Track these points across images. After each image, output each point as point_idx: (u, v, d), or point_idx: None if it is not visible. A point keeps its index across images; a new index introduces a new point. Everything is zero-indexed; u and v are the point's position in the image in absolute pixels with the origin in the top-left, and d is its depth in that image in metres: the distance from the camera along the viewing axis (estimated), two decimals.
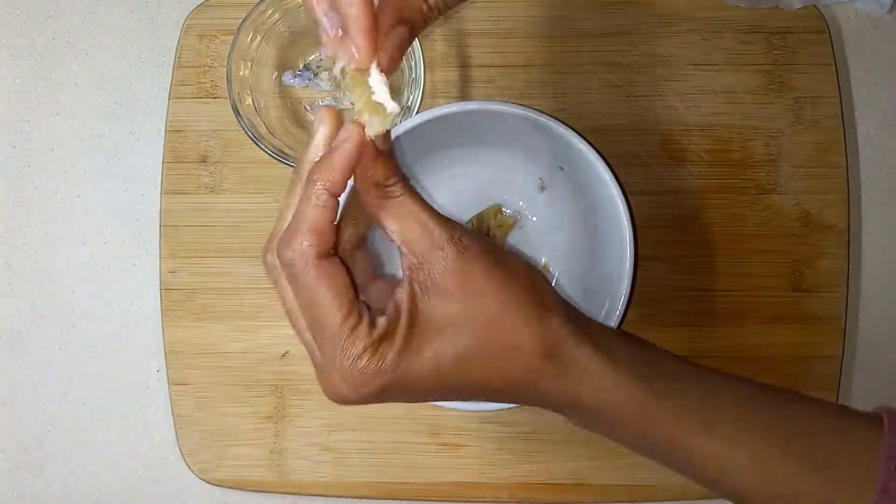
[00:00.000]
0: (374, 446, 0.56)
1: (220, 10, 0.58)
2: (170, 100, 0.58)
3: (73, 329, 0.59)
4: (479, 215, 0.54)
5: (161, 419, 0.58)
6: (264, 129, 0.55)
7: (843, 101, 0.57)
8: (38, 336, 0.59)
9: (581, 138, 0.47)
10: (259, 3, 0.53)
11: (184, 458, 0.56)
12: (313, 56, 0.58)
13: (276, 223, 0.35)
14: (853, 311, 0.58)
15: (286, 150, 0.54)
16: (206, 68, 0.58)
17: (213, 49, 0.58)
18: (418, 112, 0.52)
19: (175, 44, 0.58)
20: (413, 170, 0.53)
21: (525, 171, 0.54)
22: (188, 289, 0.57)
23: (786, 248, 0.56)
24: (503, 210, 0.54)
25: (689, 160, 0.57)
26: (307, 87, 0.58)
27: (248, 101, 0.55)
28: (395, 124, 0.47)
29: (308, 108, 0.58)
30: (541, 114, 0.47)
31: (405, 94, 0.55)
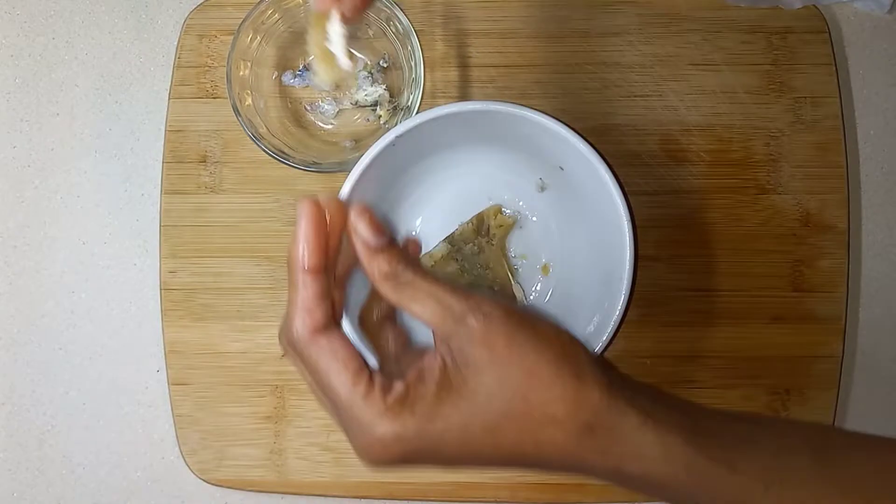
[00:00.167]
0: None
1: (219, 11, 0.59)
2: (170, 100, 0.58)
3: (73, 329, 0.59)
4: (479, 215, 0.54)
5: (161, 419, 0.58)
6: (264, 129, 0.55)
7: (843, 101, 0.57)
8: (38, 336, 0.59)
9: (581, 138, 0.47)
10: (259, 3, 0.53)
11: (184, 458, 0.56)
12: (313, 56, 0.58)
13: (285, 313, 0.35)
14: (853, 311, 0.58)
15: (286, 149, 0.54)
16: (206, 68, 0.58)
17: (213, 49, 0.58)
18: (418, 112, 0.52)
19: (175, 44, 0.58)
20: (413, 170, 0.53)
21: (525, 171, 0.54)
22: (188, 289, 0.57)
23: (786, 248, 0.56)
24: (503, 210, 0.54)
25: (690, 160, 0.57)
26: (307, 87, 0.58)
27: (248, 101, 0.55)
28: (392, 123, 0.48)
29: (308, 107, 0.58)
30: (541, 114, 0.47)
31: (405, 94, 0.55)
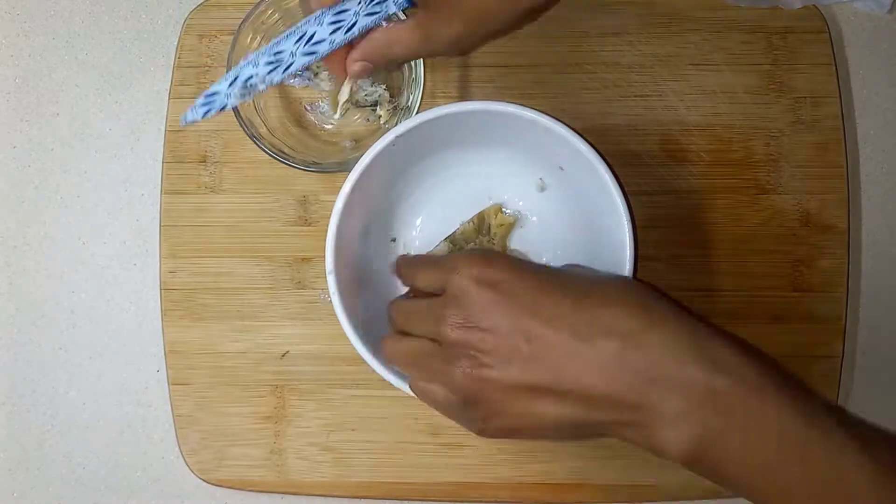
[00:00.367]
0: (374, 446, 0.56)
1: (219, 11, 0.59)
2: (170, 100, 0.58)
3: (73, 329, 0.59)
4: (480, 214, 0.54)
5: (161, 419, 0.58)
6: (264, 129, 0.55)
7: (843, 101, 0.57)
8: (38, 336, 0.59)
9: (581, 138, 0.47)
10: (259, 4, 0.53)
11: (184, 458, 0.56)
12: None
13: None
14: (853, 311, 0.58)
15: (286, 149, 0.54)
16: (207, 68, 0.58)
17: (213, 49, 0.58)
18: (418, 112, 0.52)
19: (175, 44, 0.58)
20: (413, 170, 0.53)
21: (525, 171, 0.54)
22: (188, 289, 0.57)
23: (786, 248, 0.56)
24: (503, 210, 0.54)
25: (689, 160, 0.57)
26: (307, 87, 0.58)
27: (248, 101, 0.55)
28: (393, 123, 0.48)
29: (308, 107, 0.58)
30: (541, 114, 0.47)
31: (405, 94, 0.55)
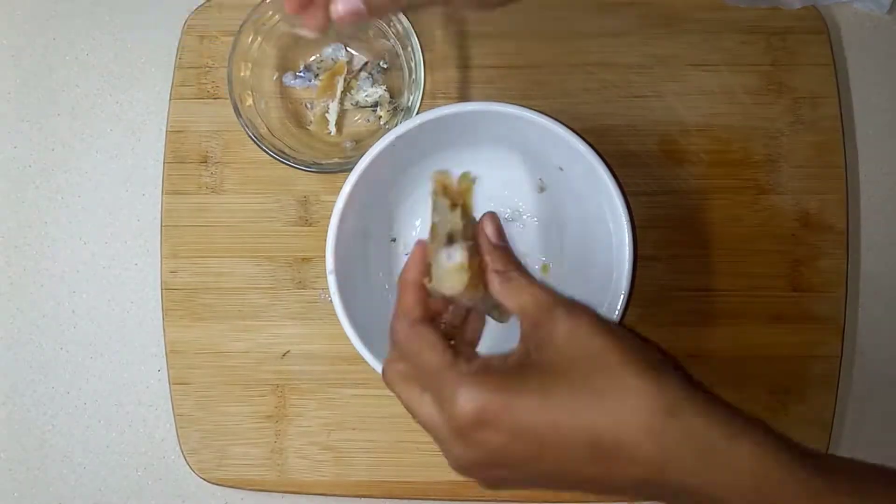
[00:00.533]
0: (374, 445, 0.56)
1: (220, 11, 0.59)
2: (171, 100, 0.58)
3: (73, 329, 0.59)
4: (435, 194, 0.45)
5: (162, 419, 0.58)
6: (265, 129, 0.55)
7: (843, 102, 0.57)
8: (39, 336, 0.59)
9: (581, 139, 0.47)
10: (259, 4, 0.53)
11: (184, 457, 0.56)
12: (314, 57, 0.58)
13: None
14: (852, 311, 0.58)
15: (287, 150, 0.54)
16: (207, 69, 0.58)
17: (214, 50, 0.58)
18: (419, 113, 0.52)
19: (176, 45, 0.59)
20: (413, 170, 0.53)
21: (525, 171, 0.54)
22: (189, 289, 0.57)
23: (785, 248, 0.56)
24: (449, 174, 0.45)
25: (689, 160, 0.57)
26: (308, 87, 0.58)
27: (249, 101, 0.55)
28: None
29: (309, 106, 0.58)
30: (541, 114, 0.47)
31: (405, 94, 0.55)
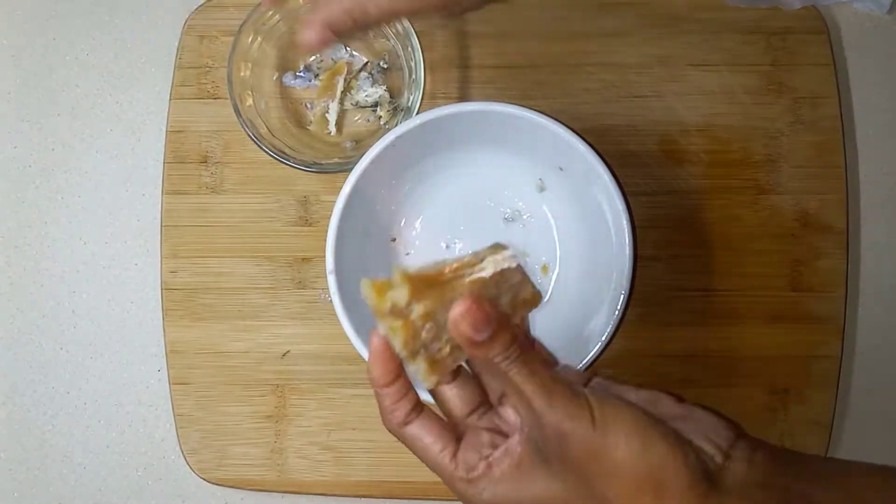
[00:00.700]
0: (374, 445, 0.56)
1: (220, 11, 0.59)
2: (171, 100, 0.58)
3: (73, 329, 0.59)
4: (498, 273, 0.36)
5: (162, 419, 0.58)
6: (265, 129, 0.55)
7: (843, 102, 0.57)
8: (39, 336, 0.59)
9: (580, 139, 0.47)
10: (259, 4, 0.53)
11: (184, 457, 0.56)
12: (314, 57, 0.58)
13: None
14: (852, 311, 0.58)
15: (287, 150, 0.54)
16: (207, 69, 0.58)
17: (214, 50, 0.58)
18: (419, 112, 0.52)
19: (176, 45, 0.59)
20: (413, 170, 0.53)
21: (525, 171, 0.54)
22: (189, 289, 0.57)
23: (785, 248, 0.56)
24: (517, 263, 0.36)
25: (689, 160, 0.57)
26: (308, 87, 0.58)
27: (249, 101, 0.55)
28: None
29: (309, 106, 0.58)
30: (541, 114, 0.47)
31: (405, 94, 0.55)
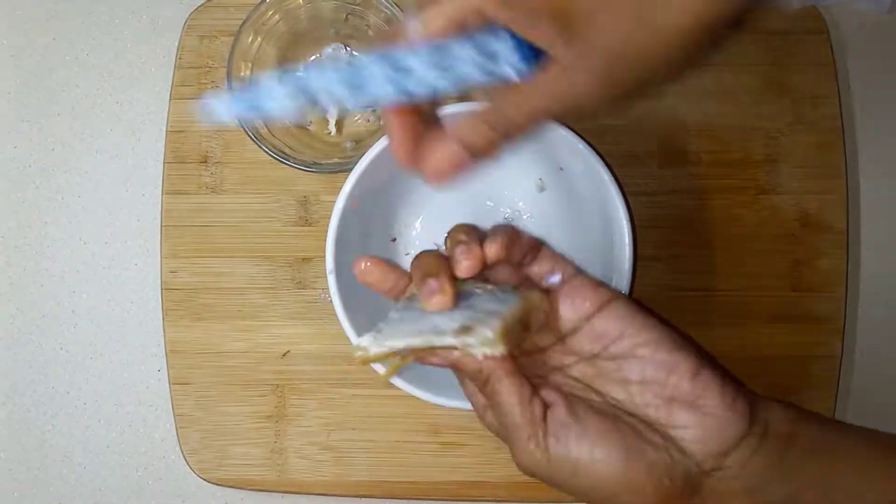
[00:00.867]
0: (374, 445, 0.56)
1: (221, 11, 0.59)
2: (171, 100, 0.58)
3: (73, 329, 0.59)
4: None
5: (162, 419, 0.58)
6: (265, 129, 0.55)
7: (843, 101, 0.57)
8: (39, 336, 0.59)
9: (580, 139, 0.47)
10: (260, 4, 0.53)
11: (184, 457, 0.56)
12: (314, 57, 0.58)
13: None
14: (852, 311, 0.58)
15: (287, 150, 0.54)
16: (207, 69, 0.58)
17: (214, 50, 0.58)
18: None
19: (176, 44, 0.59)
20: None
21: (525, 171, 0.54)
22: (189, 289, 0.57)
23: (785, 249, 0.56)
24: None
25: (689, 160, 0.57)
26: None
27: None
28: None
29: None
30: None
31: None
